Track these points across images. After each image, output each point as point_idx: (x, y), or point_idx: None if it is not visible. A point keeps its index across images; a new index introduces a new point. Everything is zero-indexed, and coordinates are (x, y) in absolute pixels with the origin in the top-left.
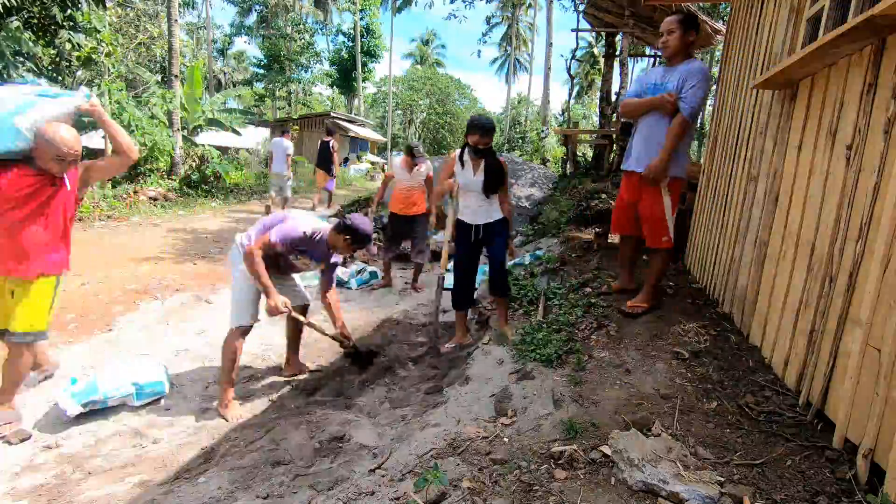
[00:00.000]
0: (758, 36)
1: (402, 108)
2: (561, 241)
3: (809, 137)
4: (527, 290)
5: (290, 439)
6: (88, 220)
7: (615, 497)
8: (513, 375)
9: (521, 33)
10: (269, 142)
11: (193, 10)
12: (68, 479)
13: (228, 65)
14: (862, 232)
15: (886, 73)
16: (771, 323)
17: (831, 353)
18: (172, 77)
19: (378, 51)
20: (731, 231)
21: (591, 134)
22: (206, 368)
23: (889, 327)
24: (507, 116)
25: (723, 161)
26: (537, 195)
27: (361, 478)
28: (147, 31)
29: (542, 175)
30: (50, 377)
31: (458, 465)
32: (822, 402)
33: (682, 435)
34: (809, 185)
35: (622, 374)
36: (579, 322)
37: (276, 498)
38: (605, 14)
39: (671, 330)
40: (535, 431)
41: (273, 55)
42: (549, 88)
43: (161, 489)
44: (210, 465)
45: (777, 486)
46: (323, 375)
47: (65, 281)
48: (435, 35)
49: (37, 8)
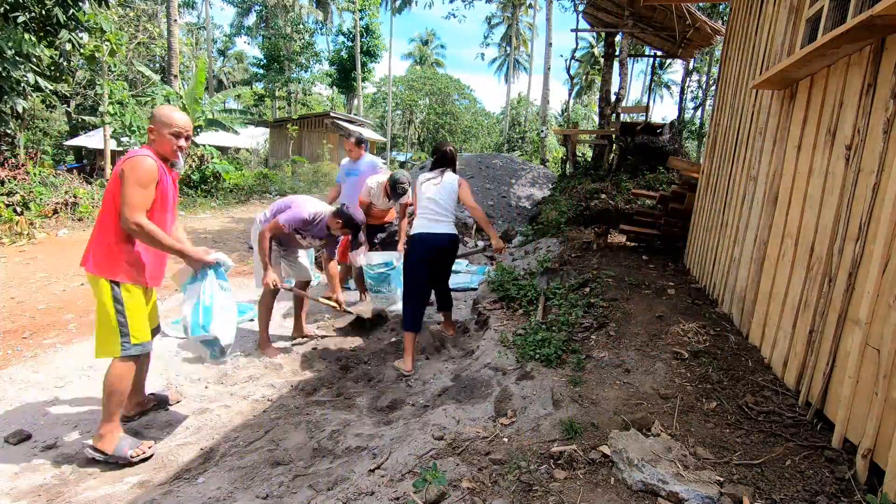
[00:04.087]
0: (758, 36)
1: (402, 108)
2: (561, 241)
3: (809, 137)
4: (526, 290)
5: (290, 439)
6: (88, 219)
7: (615, 497)
8: (512, 375)
9: (521, 33)
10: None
11: (193, 11)
12: (67, 479)
13: (228, 65)
14: (861, 232)
15: (885, 73)
16: (770, 323)
17: (831, 353)
18: (172, 77)
19: (378, 51)
20: (730, 231)
21: (590, 134)
22: (205, 368)
23: (888, 327)
24: (507, 116)
25: (722, 161)
26: (537, 195)
27: (361, 478)
28: (147, 30)
29: (542, 175)
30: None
31: (457, 466)
32: (822, 402)
33: (682, 435)
34: (809, 185)
35: (622, 374)
36: (579, 322)
37: (276, 498)
38: (604, 14)
39: (671, 330)
40: (535, 431)
41: (273, 55)
42: (548, 88)
43: (160, 489)
44: (209, 465)
45: (776, 486)
46: (323, 375)
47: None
48: (434, 35)
49: (38, 8)
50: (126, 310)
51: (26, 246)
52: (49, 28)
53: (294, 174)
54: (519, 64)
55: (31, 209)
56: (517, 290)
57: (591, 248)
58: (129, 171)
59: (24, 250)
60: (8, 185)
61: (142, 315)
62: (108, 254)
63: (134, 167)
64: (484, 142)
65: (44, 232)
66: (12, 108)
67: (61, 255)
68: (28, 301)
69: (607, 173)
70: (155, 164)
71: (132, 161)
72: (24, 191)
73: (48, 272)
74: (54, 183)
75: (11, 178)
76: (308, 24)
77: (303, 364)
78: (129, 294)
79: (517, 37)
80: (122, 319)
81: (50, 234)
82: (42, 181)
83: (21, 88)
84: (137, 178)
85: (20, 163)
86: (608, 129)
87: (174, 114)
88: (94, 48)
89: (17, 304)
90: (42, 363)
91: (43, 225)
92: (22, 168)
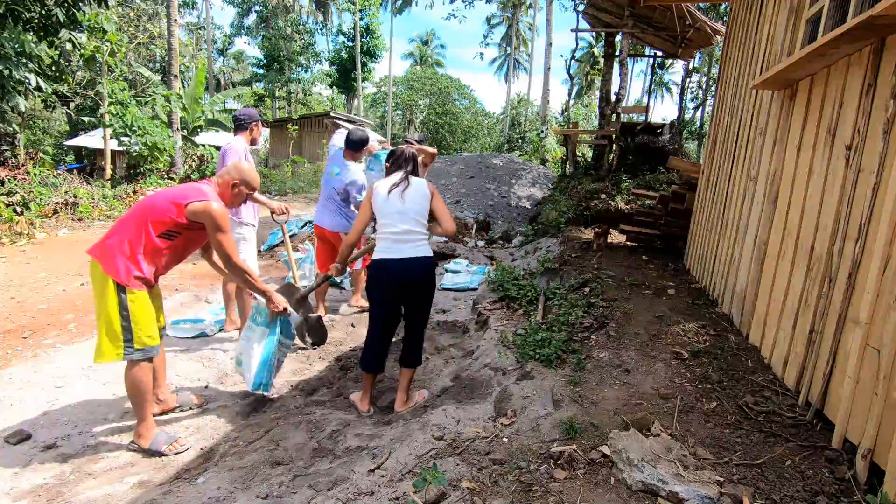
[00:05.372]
0: (758, 36)
1: (402, 108)
2: (561, 241)
3: (809, 137)
4: (526, 290)
5: (290, 439)
6: (88, 219)
7: (615, 497)
8: (512, 376)
9: (521, 33)
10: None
11: (193, 11)
12: (67, 479)
13: (228, 65)
14: (861, 232)
15: (885, 73)
16: (770, 323)
17: (830, 353)
18: (172, 77)
19: (378, 51)
20: (730, 231)
21: (590, 134)
22: (205, 368)
23: (888, 327)
24: (507, 116)
25: (722, 161)
26: (537, 195)
27: (361, 478)
28: (147, 30)
29: (542, 175)
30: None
31: (457, 466)
32: (822, 402)
33: (682, 435)
34: (809, 185)
35: (622, 374)
36: (579, 322)
37: (276, 498)
38: (604, 14)
39: (671, 330)
40: (535, 431)
41: (273, 55)
42: (548, 88)
43: (160, 489)
44: (209, 465)
45: (776, 486)
46: (323, 375)
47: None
48: (434, 35)
49: (38, 7)
50: (131, 316)
51: (26, 246)
52: (49, 28)
53: (294, 174)
54: (519, 64)
55: (31, 209)
56: (517, 290)
57: (591, 248)
58: (218, 222)
59: (24, 250)
60: (8, 184)
61: (149, 319)
62: (126, 266)
63: (222, 217)
64: (484, 142)
65: (44, 232)
66: (13, 107)
67: (61, 255)
68: (28, 301)
69: (607, 173)
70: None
71: (217, 211)
72: (24, 191)
73: (48, 272)
74: (54, 183)
75: (11, 177)
76: (308, 25)
77: (303, 364)
78: (135, 299)
79: (517, 37)
80: (125, 325)
81: (50, 234)
82: (42, 181)
83: (23, 88)
84: (224, 226)
85: (20, 163)
86: (608, 129)
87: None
88: (94, 49)
89: (17, 304)
90: (42, 363)
91: (43, 225)
92: (22, 168)
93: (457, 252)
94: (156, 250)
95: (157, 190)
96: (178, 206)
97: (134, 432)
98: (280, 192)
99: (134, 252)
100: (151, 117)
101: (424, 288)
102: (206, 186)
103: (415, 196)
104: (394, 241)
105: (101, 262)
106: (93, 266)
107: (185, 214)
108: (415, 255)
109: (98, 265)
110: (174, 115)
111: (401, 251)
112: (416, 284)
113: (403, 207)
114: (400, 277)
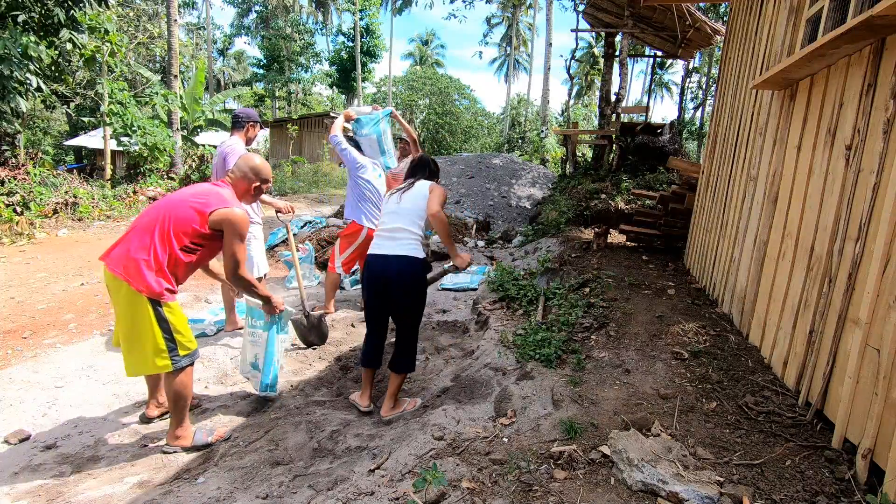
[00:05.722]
0: (758, 36)
1: (402, 108)
2: (561, 241)
3: (809, 137)
4: (526, 290)
5: (290, 439)
6: (88, 219)
7: (615, 497)
8: (512, 376)
9: (521, 33)
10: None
11: (193, 11)
12: (67, 479)
13: (228, 65)
14: (861, 232)
15: (885, 73)
16: (770, 323)
17: (831, 353)
18: (172, 77)
19: (378, 51)
20: (730, 231)
21: (590, 134)
22: (205, 368)
23: (888, 327)
24: (507, 116)
25: (722, 161)
26: (537, 195)
27: (361, 478)
28: (147, 30)
29: (542, 175)
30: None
31: (457, 466)
32: (822, 402)
33: (682, 435)
34: (809, 185)
35: (622, 375)
36: (579, 322)
37: (276, 498)
38: (604, 14)
39: (671, 330)
40: (535, 431)
41: (273, 55)
42: (548, 88)
43: (160, 489)
44: (209, 466)
45: (776, 486)
46: (323, 375)
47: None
48: (434, 35)
49: (38, 7)
50: (171, 326)
51: (26, 246)
52: (49, 28)
53: (294, 174)
54: (519, 64)
55: (31, 209)
56: (517, 290)
57: (591, 248)
58: (240, 229)
59: (24, 250)
60: (8, 184)
61: (186, 324)
62: (157, 280)
63: (245, 225)
64: (484, 142)
65: (44, 232)
66: (14, 108)
67: (61, 255)
68: (28, 301)
69: (607, 173)
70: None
71: (241, 218)
72: (24, 190)
73: (48, 272)
74: (54, 183)
75: (11, 177)
76: (308, 25)
77: (303, 364)
78: (171, 309)
79: (517, 37)
80: (168, 336)
81: (50, 233)
82: (42, 181)
83: (23, 89)
84: (245, 234)
85: (20, 163)
86: (608, 129)
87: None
88: (94, 49)
89: (17, 304)
90: (42, 363)
91: (43, 225)
92: (22, 168)
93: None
94: (178, 263)
95: (156, 189)
96: (201, 215)
97: (169, 435)
98: (280, 192)
99: (160, 265)
100: (151, 117)
101: (400, 286)
102: (224, 191)
103: (413, 197)
104: (382, 239)
105: (130, 281)
106: (114, 282)
107: (209, 223)
108: (395, 253)
109: (124, 283)
110: (174, 115)
111: (383, 248)
112: (391, 281)
113: (398, 207)
114: (378, 274)
